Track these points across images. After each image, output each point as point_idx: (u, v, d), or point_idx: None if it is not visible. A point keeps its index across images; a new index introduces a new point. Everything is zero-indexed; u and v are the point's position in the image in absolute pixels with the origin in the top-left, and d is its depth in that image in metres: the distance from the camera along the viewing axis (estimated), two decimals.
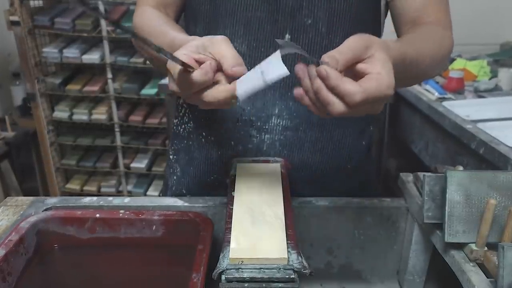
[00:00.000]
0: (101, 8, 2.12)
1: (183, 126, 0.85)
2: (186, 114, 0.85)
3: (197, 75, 0.51)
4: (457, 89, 1.70)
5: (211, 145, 0.80)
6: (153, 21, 0.75)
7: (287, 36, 0.71)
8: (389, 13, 0.80)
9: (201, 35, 0.77)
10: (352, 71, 0.50)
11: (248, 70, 0.53)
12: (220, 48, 0.53)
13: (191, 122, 0.83)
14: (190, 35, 0.80)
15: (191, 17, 0.80)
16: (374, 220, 0.73)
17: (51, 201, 0.73)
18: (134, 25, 0.79)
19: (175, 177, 0.87)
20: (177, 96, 0.87)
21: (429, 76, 0.78)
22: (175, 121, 0.88)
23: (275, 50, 0.49)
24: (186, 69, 0.51)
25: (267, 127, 0.75)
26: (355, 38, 0.50)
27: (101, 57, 2.23)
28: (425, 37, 0.70)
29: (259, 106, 0.75)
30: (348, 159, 0.81)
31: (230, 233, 0.53)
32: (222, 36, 0.55)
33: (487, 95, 1.68)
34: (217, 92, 0.52)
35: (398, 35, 0.77)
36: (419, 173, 0.69)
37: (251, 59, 0.73)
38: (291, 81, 0.73)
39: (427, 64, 0.67)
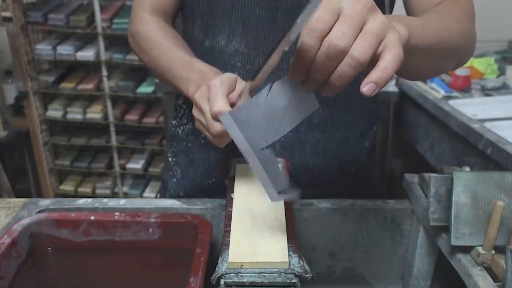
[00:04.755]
0: (97, 4, 2.12)
1: (181, 127, 0.85)
2: (185, 115, 0.84)
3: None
4: (464, 87, 1.70)
5: (211, 146, 0.80)
6: (161, 35, 0.76)
7: None
8: (395, 8, 0.80)
9: (198, 34, 0.77)
10: None
11: (246, 71, 0.53)
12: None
13: (190, 123, 0.83)
14: (188, 34, 0.80)
15: (189, 16, 0.80)
16: (378, 222, 0.73)
17: (45, 202, 0.73)
18: (135, 32, 0.79)
19: (174, 180, 0.87)
20: (176, 96, 0.87)
21: (455, 57, 0.69)
22: (173, 122, 0.88)
23: (274, 48, 0.49)
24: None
25: None
26: None
27: (96, 54, 2.23)
28: (444, 13, 0.66)
29: None
30: (351, 161, 0.81)
31: (229, 236, 0.53)
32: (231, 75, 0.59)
33: (494, 94, 1.68)
34: None
35: None
36: (424, 174, 0.69)
37: (250, 58, 0.73)
38: None
39: (450, 38, 0.62)
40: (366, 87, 0.43)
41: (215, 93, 0.56)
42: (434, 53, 0.59)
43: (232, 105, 0.57)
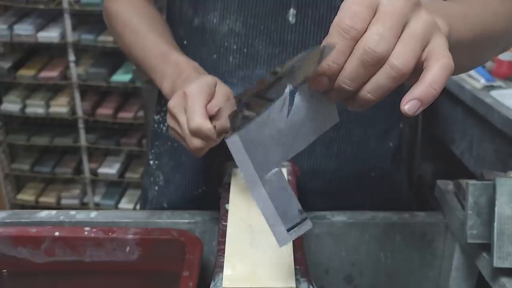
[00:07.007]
0: None
1: (166, 123, 0.85)
2: None
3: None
4: (509, 75, 1.71)
5: None
6: (136, 17, 0.78)
7: (292, 12, 0.71)
8: None
9: (187, 11, 0.78)
10: None
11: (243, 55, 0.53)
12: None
13: None
14: (174, 11, 0.81)
15: None
16: (405, 239, 0.74)
17: None
18: (109, 11, 0.80)
19: (156, 188, 0.87)
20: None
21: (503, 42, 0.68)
22: (156, 117, 0.88)
23: (276, 29, 0.47)
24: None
25: None
26: None
27: (61, 35, 2.24)
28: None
29: None
30: (371, 165, 0.81)
31: (224, 256, 0.53)
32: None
33: None
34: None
35: None
36: (461, 180, 0.69)
37: (247, 39, 0.73)
38: None
39: (495, 22, 0.61)
40: (409, 105, 0.43)
41: (192, 104, 0.58)
42: (476, 44, 0.58)
43: (211, 117, 0.59)
